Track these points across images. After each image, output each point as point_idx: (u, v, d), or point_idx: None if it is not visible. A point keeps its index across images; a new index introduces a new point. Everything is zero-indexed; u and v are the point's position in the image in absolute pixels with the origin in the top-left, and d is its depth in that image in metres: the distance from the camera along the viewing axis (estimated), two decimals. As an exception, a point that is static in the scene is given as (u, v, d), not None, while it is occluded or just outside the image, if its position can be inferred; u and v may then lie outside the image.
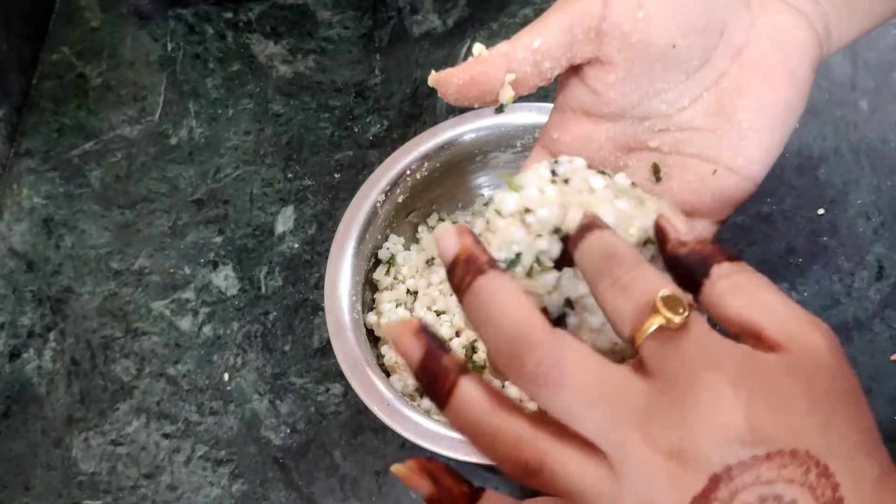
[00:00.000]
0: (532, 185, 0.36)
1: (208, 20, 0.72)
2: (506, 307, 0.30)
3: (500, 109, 0.39)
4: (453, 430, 0.31)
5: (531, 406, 0.46)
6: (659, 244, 0.33)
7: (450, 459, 0.47)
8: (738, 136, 0.37)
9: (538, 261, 0.35)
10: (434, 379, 0.30)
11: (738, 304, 0.29)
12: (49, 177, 0.66)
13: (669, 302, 0.29)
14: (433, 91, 0.68)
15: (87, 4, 0.75)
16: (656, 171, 0.39)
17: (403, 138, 0.62)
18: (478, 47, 0.37)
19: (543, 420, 0.30)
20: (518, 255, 0.35)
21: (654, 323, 0.29)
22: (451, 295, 0.54)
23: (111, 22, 0.74)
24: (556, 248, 0.35)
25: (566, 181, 0.36)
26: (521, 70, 0.37)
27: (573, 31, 0.36)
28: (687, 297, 0.29)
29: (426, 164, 0.54)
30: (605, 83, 0.37)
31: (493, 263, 0.31)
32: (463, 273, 0.31)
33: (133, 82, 0.70)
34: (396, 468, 0.32)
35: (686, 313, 0.28)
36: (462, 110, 0.64)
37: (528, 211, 0.35)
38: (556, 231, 0.35)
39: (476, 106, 0.38)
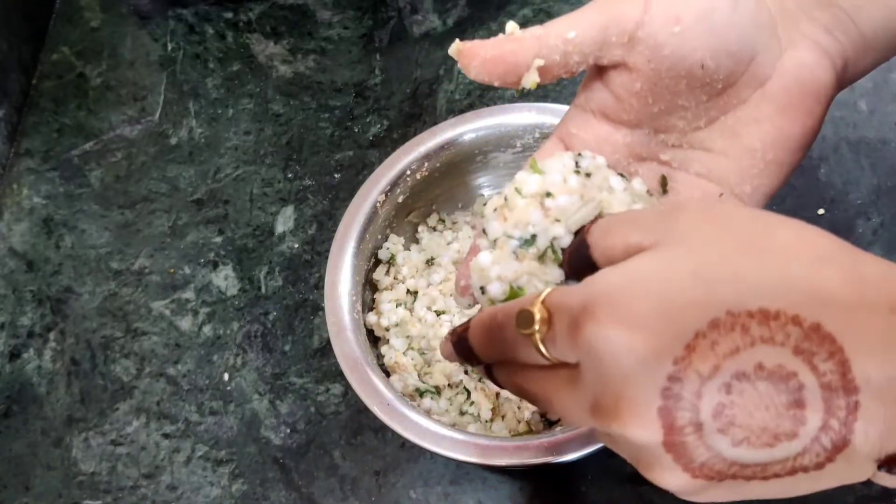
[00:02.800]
0: (556, 171, 0.36)
1: (208, 20, 0.72)
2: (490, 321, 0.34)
3: (521, 92, 0.39)
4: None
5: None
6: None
7: (450, 460, 0.47)
8: (750, 164, 0.37)
9: (552, 247, 0.35)
10: (460, 341, 0.36)
11: (616, 245, 0.30)
12: (49, 177, 0.66)
13: (521, 321, 0.30)
14: (433, 91, 0.68)
15: (87, 4, 0.75)
16: (664, 183, 0.39)
17: (403, 138, 0.62)
18: (511, 25, 0.37)
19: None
20: (533, 237, 0.35)
21: (538, 338, 0.30)
22: (450, 295, 0.54)
23: (111, 22, 0.74)
24: (567, 239, 0.36)
25: (588, 175, 0.37)
26: (549, 57, 0.36)
27: (608, 30, 0.36)
28: (533, 300, 0.30)
29: (426, 164, 0.54)
30: (628, 90, 0.37)
31: (465, 328, 0.36)
32: (459, 351, 0.36)
33: (133, 82, 0.70)
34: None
35: (538, 315, 0.30)
36: (462, 110, 0.65)
37: (548, 195, 0.36)
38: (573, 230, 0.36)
39: (496, 84, 0.37)
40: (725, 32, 0.35)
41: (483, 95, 0.66)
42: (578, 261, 0.32)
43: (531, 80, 0.37)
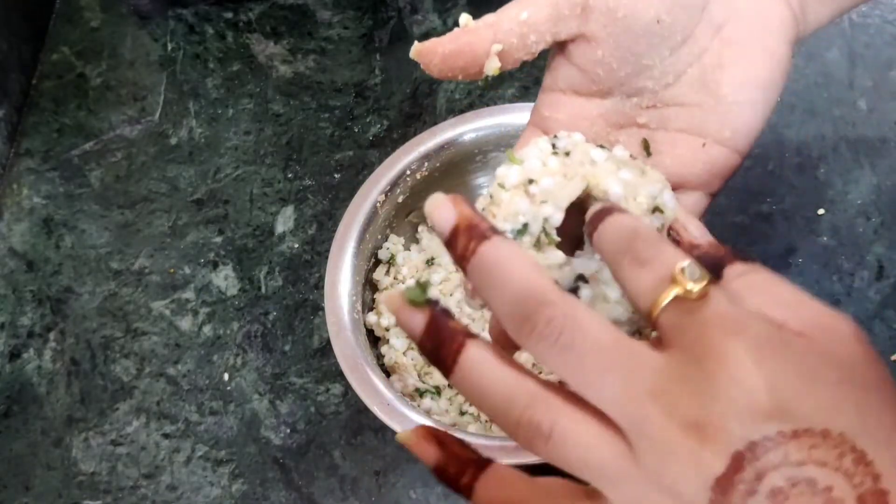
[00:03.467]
0: (533, 157, 0.37)
1: (208, 20, 0.72)
2: (515, 269, 0.29)
3: (486, 82, 0.39)
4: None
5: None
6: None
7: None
8: (724, 109, 0.38)
9: (545, 231, 0.35)
10: (440, 342, 0.29)
11: (754, 304, 0.28)
12: (49, 177, 0.67)
13: (688, 272, 0.28)
14: (433, 91, 0.68)
15: (87, 4, 0.75)
16: (646, 146, 0.39)
17: (403, 138, 0.62)
18: (464, 17, 0.37)
19: (557, 386, 0.28)
20: (525, 226, 0.35)
21: (671, 293, 0.27)
22: (451, 295, 0.54)
23: (111, 22, 0.74)
24: (558, 216, 0.35)
25: (567, 154, 0.37)
26: (507, 41, 0.37)
27: (559, 5, 0.36)
28: (706, 273, 0.28)
29: (426, 164, 0.54)
30: (591, 60, 0.38)
31: (494, 230, 0.30)
32: (466, 240, 0.30)
33: (133, 82, 0.70)
34: (402, 436, 0.31)
35: (705, 282, 0.27)
36: (461, 110, 0.65)
37: (531, 182, 0.36)
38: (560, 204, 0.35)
39: (460, 78, 0.38)
40: None
41: (483, 95, 0.66)
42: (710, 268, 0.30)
43: (493, 67, 0.37)
